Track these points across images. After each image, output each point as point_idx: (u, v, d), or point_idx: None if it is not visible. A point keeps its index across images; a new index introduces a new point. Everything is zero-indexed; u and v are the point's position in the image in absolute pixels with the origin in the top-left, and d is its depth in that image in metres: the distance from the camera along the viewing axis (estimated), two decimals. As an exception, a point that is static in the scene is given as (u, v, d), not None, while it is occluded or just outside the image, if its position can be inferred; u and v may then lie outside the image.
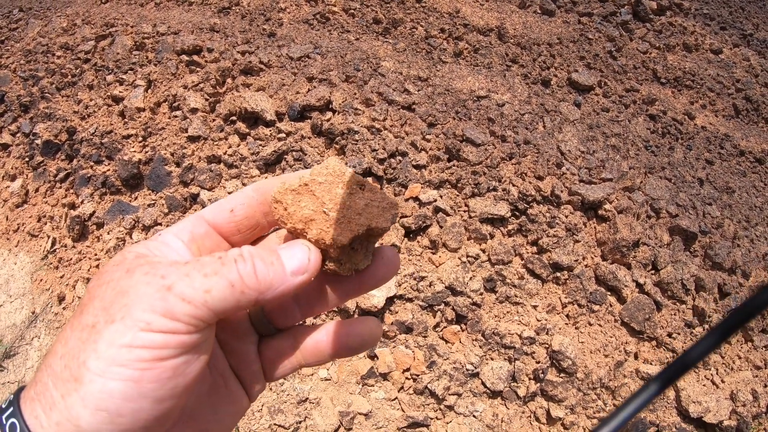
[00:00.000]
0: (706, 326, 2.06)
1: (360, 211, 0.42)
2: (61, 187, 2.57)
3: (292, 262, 0.38)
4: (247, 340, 0.46)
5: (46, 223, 2.55)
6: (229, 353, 0.45)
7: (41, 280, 2.46)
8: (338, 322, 0.46)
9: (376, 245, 0.46)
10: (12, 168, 2.76)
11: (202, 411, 0.42)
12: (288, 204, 0.42)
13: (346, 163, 1.92)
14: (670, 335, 1.90)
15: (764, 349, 2.09)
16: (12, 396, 0.34)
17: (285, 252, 0.39)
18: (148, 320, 0.32)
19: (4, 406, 0.34)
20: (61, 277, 2.40)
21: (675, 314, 1.99)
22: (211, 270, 0.34)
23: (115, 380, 0.31)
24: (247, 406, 0.46)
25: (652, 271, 2.00)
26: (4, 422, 0.32)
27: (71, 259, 2.38)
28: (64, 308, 2.33)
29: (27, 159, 2.71)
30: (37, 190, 2.66)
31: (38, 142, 2.65)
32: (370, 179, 1.91)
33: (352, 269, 0.43)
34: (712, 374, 1.99)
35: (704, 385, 1.97)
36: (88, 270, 2.30)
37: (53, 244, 2.49)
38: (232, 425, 0.44)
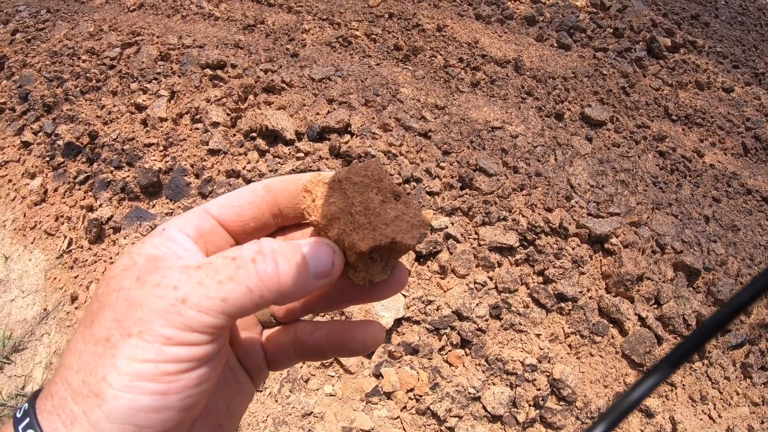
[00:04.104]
0: (705, 362, 2.09)
1: (388, 221, 0.39)
2: (80, 189, 2.62)
3: (315, 264, 0.35)
4: (252, 331, 0.46)
5: (63, 223, 2.60)
6: (235, 344, 0.44)
7: (55, 278, 2.50)
8: (340, 323, 0.44)
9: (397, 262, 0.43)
10: (32, 166, 2.82)
11: (217, 406, 0.41)
12: (317, 196, 0.39)
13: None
14: (669, 371, 1.94)
15: (762, 386, 2.11)
16: (27, 405, 0.33)
17: (308, 250, 0.36)
18: (168, 335, 0.31)
19: (19, 415, 0.33)
20: (75, 277, 2.44)
21: (675, 349, 2.02)
22: (225, 275, 0.32)
23: (143, 395, 0.31)
24: (253, 393, 0.46)
25: (655, 306, 2.04)
26: None
27: (86, 260, 2.43)
28: (76, 308, 2.37)
29: (47, 159, 2.77)
30: (56, 190, 2.71)
31: (60, 143, 2.71)
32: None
33: (366, 279, 0.40)
34: (709, 409, 2.02)
35: (701, 419, 2.00)
36: (103, 272, 2.35)
37: (69, 244, 2.53)
38: (241, 415, 0.44)
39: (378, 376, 1.87)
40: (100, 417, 0.30)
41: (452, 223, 1.96)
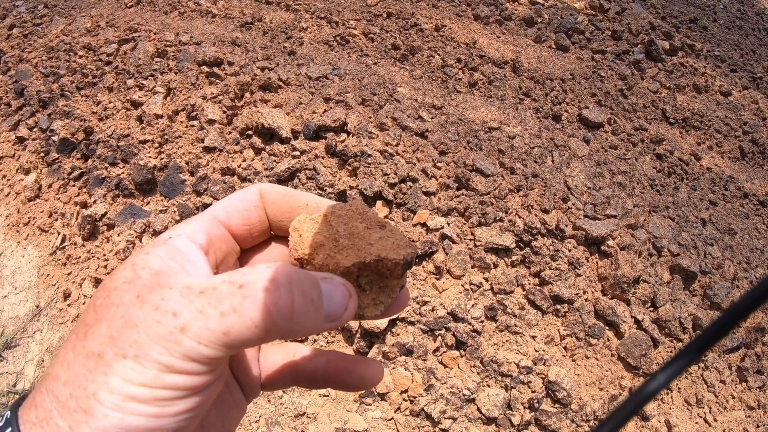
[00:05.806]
0: (701, 365, 2.09)
1: (372, 242, 0.39)
2: (74, 186, 2.60)
3: (329, 304, 0.33)
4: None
5: (57, 220, 2.58)
6: (233, 359, 0.44)
7: (48, 275, 2.49)
8: (341, 355, 0.43)
9: (393, 298, 0.41)
10: (27, 162, 2.80)
11: (212, 422, 0.41)
12: (303, 231, 0.39)
13: (357, 186, 1.97)
14: (664, 374, 1.93)
15: (758, 390, 2.11)
16: (9, 413, 0.32)
17: (325, 287, 0.33)
18: (166, 362, 0.30)
19: (1, 424, 0.32)
20: (69, 274, 2.42)
21: (671, 352, 2.02)
22: (229, 306, 0.30)
23: (135, 415, 0.30)
24: (245, 410, 0.45)
25: (651, 308, 2.03)
26: None
27: (80, 257, 2.41)
28: (69, 305, 2.36)
29: (42, 154, 2.75)
30: (50, 186, 2.69)
31: (55, 138, 2.70)
32: (379, 203, 1.96)
33: (357, 313, 0.38)
34: (705, 412, 2.01)
35: (697, 423, 1.99)
36: (96, 269, 2.33)
37: (63, 240, 2.52)
38: (233, 430, 0.43)
39: (372, 376, 1.86)
40: None
41: (448, 224, 1.95)
